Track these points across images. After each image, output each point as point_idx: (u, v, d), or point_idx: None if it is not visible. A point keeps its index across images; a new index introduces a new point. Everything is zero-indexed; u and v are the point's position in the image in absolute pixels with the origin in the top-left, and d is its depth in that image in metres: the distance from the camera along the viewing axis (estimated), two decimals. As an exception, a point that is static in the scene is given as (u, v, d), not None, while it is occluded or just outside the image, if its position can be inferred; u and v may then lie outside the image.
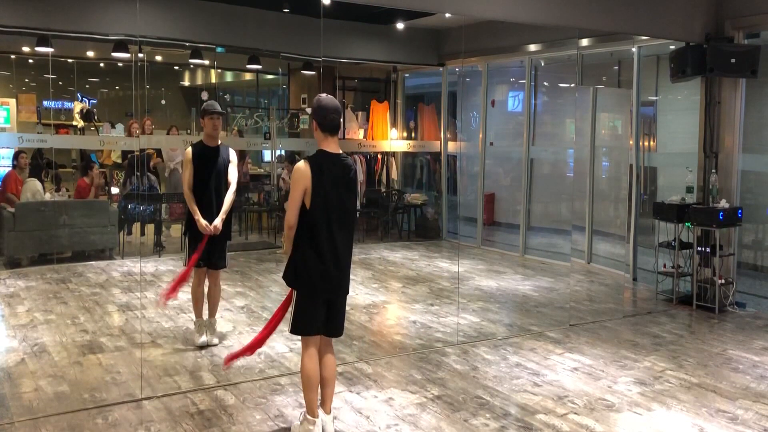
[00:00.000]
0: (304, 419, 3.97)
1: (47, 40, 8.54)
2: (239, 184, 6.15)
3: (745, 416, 4.51)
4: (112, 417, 4.31)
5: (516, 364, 5.44)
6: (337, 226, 3.89)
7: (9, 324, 6.24)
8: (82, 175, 9.54)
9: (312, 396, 3.94)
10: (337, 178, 3.90)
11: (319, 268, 3.87)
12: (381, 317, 6.98)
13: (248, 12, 9.27)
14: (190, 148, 5.66)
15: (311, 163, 3.88)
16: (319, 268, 3.87)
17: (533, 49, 9.69)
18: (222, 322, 6.35)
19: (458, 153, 11.53)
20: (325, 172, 3.87)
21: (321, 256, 3.87)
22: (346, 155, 4.06)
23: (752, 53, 7.01)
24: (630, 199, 8.60)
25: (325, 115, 3.91)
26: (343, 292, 4.05)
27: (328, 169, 3.88)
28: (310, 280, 3.89)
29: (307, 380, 3.93)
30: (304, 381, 3.96)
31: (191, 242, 5.62)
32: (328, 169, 3.88)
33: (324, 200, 3.85)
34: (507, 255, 10.10)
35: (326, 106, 3.94)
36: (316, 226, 3.86)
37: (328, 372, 4.03)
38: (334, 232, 3.88)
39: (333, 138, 3.97)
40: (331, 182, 3.87)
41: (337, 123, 3.96)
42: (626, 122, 8.86)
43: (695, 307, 7.31)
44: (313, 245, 3.87)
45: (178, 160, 9.97)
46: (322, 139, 3.96)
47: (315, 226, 3.86)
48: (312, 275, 3.88)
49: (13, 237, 8.51)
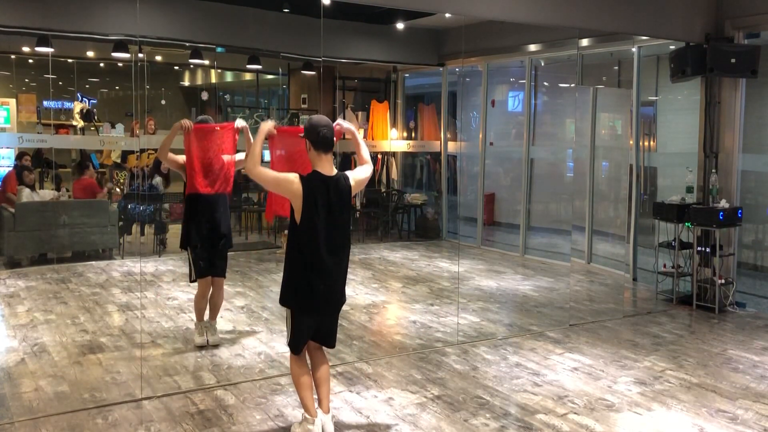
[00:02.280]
0: (303, 419, 3.98)
1: (47, 40, 8.54)
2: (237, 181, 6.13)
3: (745, 416, 4.51)
4: (112, 417, 4.31)
5: (516, 364, 5.44)
6: (326, 248, 3.86)
7: (9, 324, 6.24)
8: (79, 176, 9.55)
9: (306, 395, 3.96)
10: (329, 203, 3.86)
11: (307, 288, 3.86)
12: (381, 317, 6.98)
13: (248, 12, 9.26)
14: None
15: (303, 183, 3.83)
16: (307, 288, 3.86)
17: (533, 49, 9.69)
18: (222, 322, 6.35)
19: (458, 153, 11.53)
20: (318, 197, 3.83)
21: (310, 275, 3.86)
22: (340, 175, 3.98)
23: (752, 53, 7.01)
24: (630, 199, 8.60)
25: (318, 131, 3.86)
26: (332, 311, 4.04)
27: (320, 194, 3.84)
28: (298, 298, 3.91)
29: (298, 382, 3.99)
30: (295, 384, 4.03)
31: (194, 255, 5.62)
32: (320, 194, 3.84)
33: (313, 224, 3.83)
34: (507, 255, 10.10)
35: (317, 122, 3.91)
36: (306, 246, 3.86)
37: (320, 372, 4.05)
38: (322, 253, 3.85)
39: (327, 156, 3.92)
40: (323, 206, 3.84)
41: (330, 139, 3.91)
42: (626, 122, 8.86)
43: (695, 307, 7.31)
44: (303, 264, 3.87)
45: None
46: (316, 159, 3.91)
47: (304, 246, 3.86)
48: (300, 294, 3.89)
49: (13, 237, 8.51)
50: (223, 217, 5.63)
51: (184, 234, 5.65)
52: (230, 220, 5.82)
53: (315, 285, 3.86)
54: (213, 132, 5.58)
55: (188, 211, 5.62)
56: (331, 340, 4.10)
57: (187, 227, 5.61)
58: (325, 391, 4.06)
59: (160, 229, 9.53)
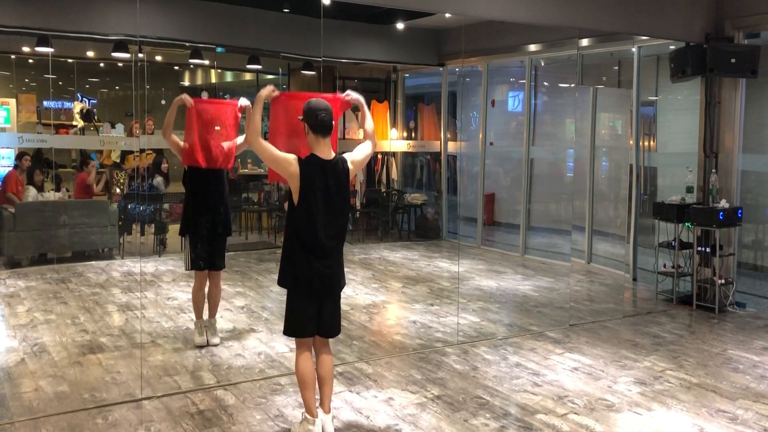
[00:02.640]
0: (303, 419, 3.96)
1: (47, 40, 8.54)
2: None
3: (745, 416, 4.51)
4: (112, 417, 4.31)
5: (516, 364, 5.44)
6: (324, 231, 3.84)
7: (9, 324, 6.24)
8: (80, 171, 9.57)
9: (309, 395, 3.92)
10: (327, 186, 3.85)
11: (305, 269, 3.84)
12: (381, 317, 6.97)
13: (248, 12, 9.26)
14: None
15: (300, 165, 3.83)
16: (305, 269, 3.84)
17: (533, 49, 9.69)
18: (222, 321, 6.35)
19: (458, 153, 11.53)
20: (316, 181, 3.82)
21: (307, 257, 3.84)
22: (338, 159, 3.96)
23: (752, 53, 7.01)
24: (630, 199, 8.60)
25: (316, 114, 3.83)
26: (330, 294, 3.99)
27: (318, 178, 3.83)
28: (296, 280, 3.89)
29: (302, 380, 3.93)
30: (299, 381, 3.96)
31: (192, 243, 5.60)
32: (318, 178, 3.83)
33: (309, 207, 3.82)
34: (507, 255, 10.10)
35: (316, 105, 3.87)
36: (303, 228, 3.84)
37: (324, 371, 4.02)
38: (320, 236, 3.84)
39: (325, 140, 3.89)
40: (321, 190, 3.83)
41: (328, 122, 3.88)
42: (626, 122, 8.86)
43: (695, 307, 7.31)
44: (300, 246, 3.85)
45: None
46: (314, 143, 3.88)
47: (301, 228, 3.84)
48: (297, 275, 3.87)
49: (13, 237, 8.51)
50: (222, 195, 5.61)
51: (184, 216, 5.65)
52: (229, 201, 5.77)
53: (312, 267, 3.84)
54: (215, 107, 5.55)
55: (188, 188, 5.62)
56: (335, 327, 4.05)
57: (186, 206, 5.60)
58: (328, 391, 4.03)
59: (160, 229, 9.54)
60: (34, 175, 8.93)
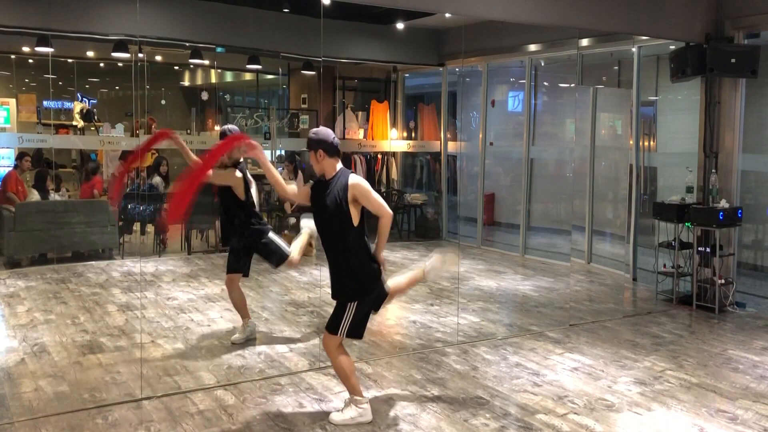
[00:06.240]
0: (352, 401, 4.27)
1: (47, 40, 8.54)
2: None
3: (745, 416, 4.51)
4: (112, 417, 4.31)
5: (516, 364, 5.44)
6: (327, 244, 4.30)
7: (9, 324, 6.24)
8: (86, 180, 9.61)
9: (356, 379, 4.33)
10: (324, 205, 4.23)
11: (379, 279, 4.51)
12: (381, 317, 6.97)
13: (248, 12, 9.27)
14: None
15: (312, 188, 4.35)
16: (379, 279, 4.51)
17: (533, 49, 9.69)
18: (222, 321, 6.36)
19: (458, 153, 11.53)
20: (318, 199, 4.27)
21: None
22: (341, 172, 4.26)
23: (752, 53, 7.01)
24: (630, 199, 8.60)
25: (332, 140, 4.21)
26: (335, 296, 4.34)
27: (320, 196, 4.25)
28: (373, 291, 4.52)
29: (351, 369, 4.31)
30: (348, 371, 4.28)
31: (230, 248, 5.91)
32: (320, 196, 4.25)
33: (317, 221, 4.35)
34: (507, 255, 10.10)
35: (325, 133, 4.23)
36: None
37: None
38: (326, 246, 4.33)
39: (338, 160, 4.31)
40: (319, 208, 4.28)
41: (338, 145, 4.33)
42: (626, 122, 8.86)
43: (695, 307, 7.31)
44: (370, 258, 4.51)
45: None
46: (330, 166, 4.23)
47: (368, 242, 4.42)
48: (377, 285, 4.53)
49: (13, 237, 8.51)
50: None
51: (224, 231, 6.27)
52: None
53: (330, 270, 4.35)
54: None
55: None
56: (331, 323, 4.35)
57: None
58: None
59: (160, 229, 9.54)
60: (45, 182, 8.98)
